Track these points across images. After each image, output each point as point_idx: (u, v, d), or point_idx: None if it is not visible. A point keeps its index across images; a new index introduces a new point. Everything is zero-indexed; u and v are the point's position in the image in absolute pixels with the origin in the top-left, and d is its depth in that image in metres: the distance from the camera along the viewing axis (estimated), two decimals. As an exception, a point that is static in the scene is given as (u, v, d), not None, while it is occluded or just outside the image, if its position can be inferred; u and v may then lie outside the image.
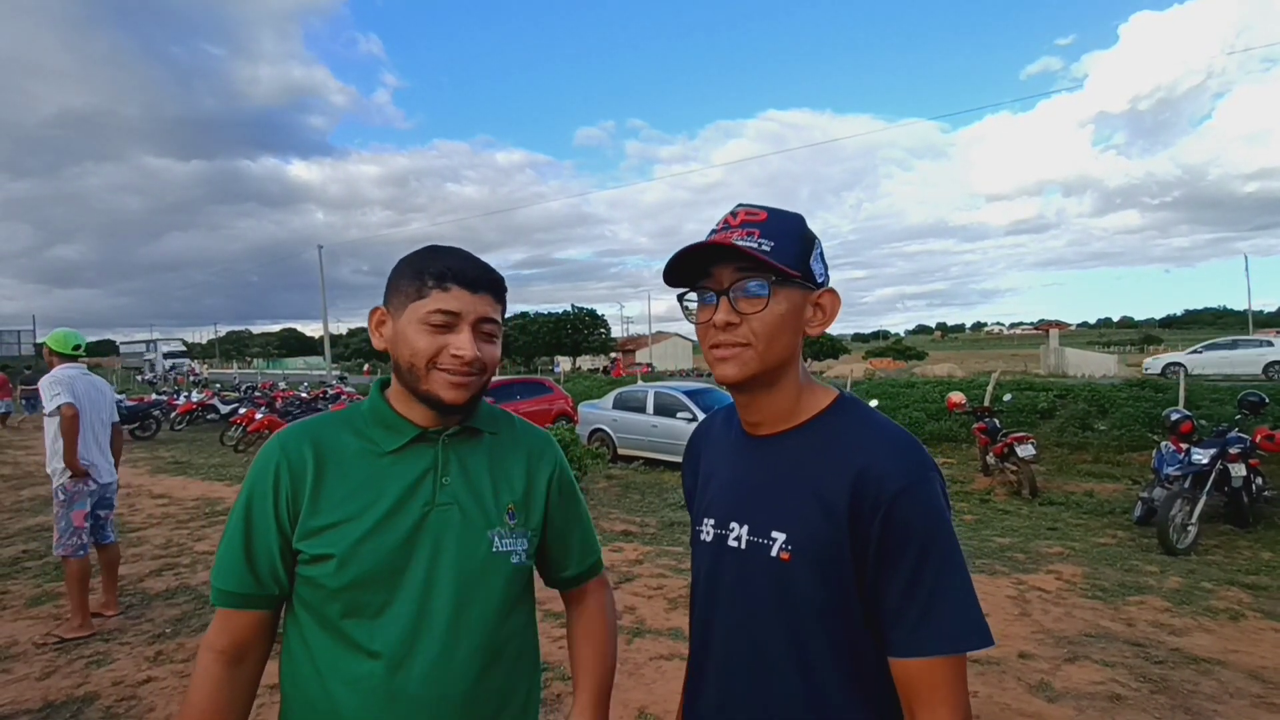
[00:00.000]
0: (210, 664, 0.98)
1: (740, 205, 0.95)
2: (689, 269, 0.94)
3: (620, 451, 11.04)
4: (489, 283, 1.00)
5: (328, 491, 0.97)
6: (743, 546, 0.95)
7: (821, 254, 0.96)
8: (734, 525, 0.97)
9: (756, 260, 0.88)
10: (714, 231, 0.94)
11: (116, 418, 4.26)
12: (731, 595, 0.96)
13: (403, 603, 0.96)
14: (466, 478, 1.03)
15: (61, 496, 3.91)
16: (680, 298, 0.97)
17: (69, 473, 3.87)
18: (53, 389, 3.85)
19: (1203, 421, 7.26)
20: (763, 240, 0.89)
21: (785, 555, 0.90)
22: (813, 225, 0.96)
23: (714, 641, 0.99)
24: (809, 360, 41.10)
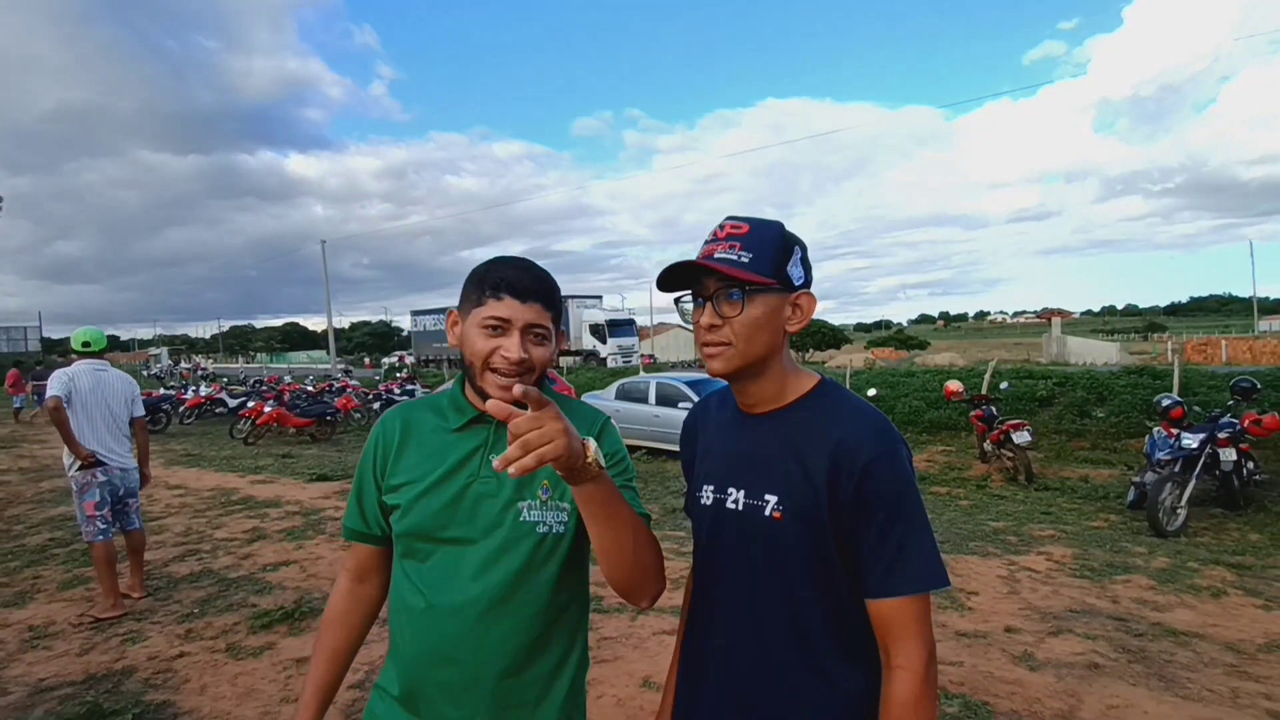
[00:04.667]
0: (342, 580, 1.32)
1: (728, 219, 1.10)
2: (685, 276, 1.11)
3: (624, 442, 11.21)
4: (540, 293, 1.16)
5: (406, 457, 1.22)
6: (740, 508, 1.12)
7: (802, 258, 1.10)
8: (731, 490, 1.14)
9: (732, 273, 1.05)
10: (705, 244, 1.10)
11: (140, 413, 4.43)
12: (732, 550, 1.13)
13: (442, 555, 1.17)
14: None
15: (74, 487, 4.13)
16: (677, 301, 1.15)
17: (77, 464, 4.07)
18: (50, 384, 4.08)
19: (1197, 408, 7.39)
20: (743, 253, 1.05)
21: (777, 515, 1.07)
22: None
23: (717, 591, 1.17)
24: (811, 350, 41.30)
